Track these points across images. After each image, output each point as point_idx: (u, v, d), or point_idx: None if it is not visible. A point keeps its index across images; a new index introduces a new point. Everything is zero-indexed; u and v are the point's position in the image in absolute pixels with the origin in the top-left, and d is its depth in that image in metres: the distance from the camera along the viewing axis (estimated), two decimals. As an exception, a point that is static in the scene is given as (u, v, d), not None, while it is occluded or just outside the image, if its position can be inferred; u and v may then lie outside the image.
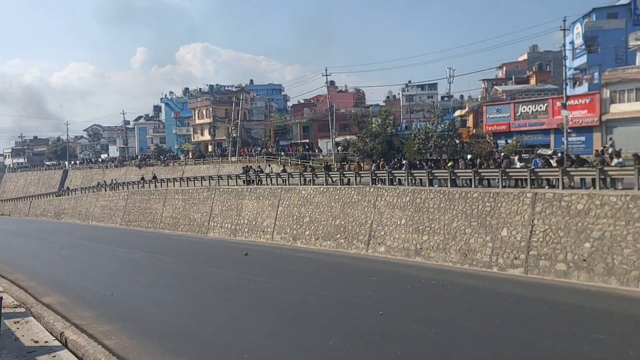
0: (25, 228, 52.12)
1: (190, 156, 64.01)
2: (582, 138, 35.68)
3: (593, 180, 19.83)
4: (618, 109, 34.46)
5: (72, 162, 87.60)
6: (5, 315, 4.34)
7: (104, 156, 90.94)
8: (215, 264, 24.28)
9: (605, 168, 19.59)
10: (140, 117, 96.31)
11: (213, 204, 39.08)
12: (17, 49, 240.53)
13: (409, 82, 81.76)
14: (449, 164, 28.34)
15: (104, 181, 63.23)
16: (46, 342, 4.37)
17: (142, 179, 53.70)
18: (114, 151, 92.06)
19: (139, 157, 74.11)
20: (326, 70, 49.18)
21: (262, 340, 12.74)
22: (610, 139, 33.35)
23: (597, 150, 26.94)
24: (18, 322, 4.02)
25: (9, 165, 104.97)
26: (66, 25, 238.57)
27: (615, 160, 20.41)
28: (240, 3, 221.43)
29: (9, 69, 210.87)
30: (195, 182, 44.24)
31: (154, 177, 52.36)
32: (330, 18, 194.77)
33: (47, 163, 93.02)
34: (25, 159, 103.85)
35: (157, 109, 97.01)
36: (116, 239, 36.96)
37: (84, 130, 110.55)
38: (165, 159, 66.91)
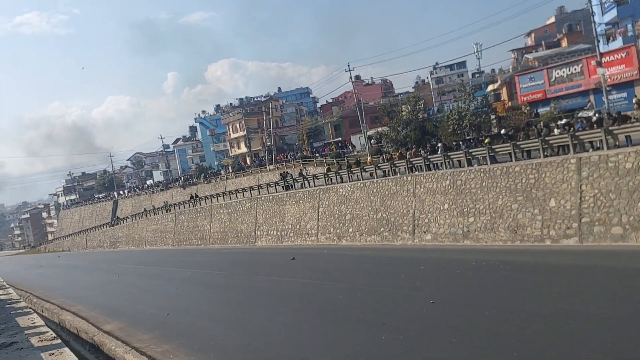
0: (83, 261, 54.33)
1: (230, 170, 65.09)
2: (624, 94, 33.89)
3: (640, 136, 18.84)
4: (658, 59, 32.64)
5: (121, 192, 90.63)
6: (43, 348, 4.56)
7: (149, 182, 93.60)
8: (264, 272, 24.54)
9: (651, 121, 18.58)
10: (178, 139, 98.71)
11: (257, 214, 39.57)
12: (55, 92, 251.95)
13: (437, 64, 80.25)
14: (486, 140, 27.59)
15: (153, 206, 64.99)
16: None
17: (192, 197, 54.75)
18: (158, 176, 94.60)
19: (182, 178, 75.91)
20: (349, 65, 48.85)
21: (315, 344, 12.75)
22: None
23: (637, 104, 25.59)
24: (53, 354, 4.24)
25: (63, 202, 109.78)
26: (98, 63, 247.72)
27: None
28: (260, 12, 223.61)
29: (51, 112, 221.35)
30: (238, 194, 44.93)
31: (196, 196, 53.46)
32: (350, 12, 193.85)
33: (98, 196, 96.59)
34: (77, 195, 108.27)
35: (192, 129, 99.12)
36: (169, 260, 38.00)
37: (127, 160, 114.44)
38: (207, 176, 68.29)
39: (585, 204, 19.10)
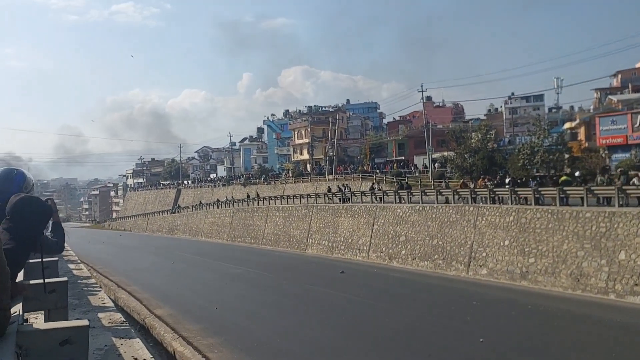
0: (142, 243, 56.80)
1: (290, 175, 66.04)
2: None
3: None
4: None
5: (185, 182, 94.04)
6: (113, 331, 4.86)
7: (212, 176, 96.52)
8: (313, 282, 24.69)
9: None
10: (245, 139, 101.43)
11: (311, 222, 39.91)
12: (136, 79, 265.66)
13: (512, 94, 77.92)
14: (562, 178, 26.44)
15: (217, 199, 66.38)
16: (144, 359, 4.82)
17: (248, 196, 56.25)
18: (221, 171, 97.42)
19: (243, 176, 77.81)
20: (422, 86, 48.61)
21: (356, 362, 12.72)
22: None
23: None
24: (123, 338, 4.53)
25: (130, 184, 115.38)
26: (180, 56, 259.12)
27: None
28: (344, 22, 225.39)
29: (131, 97, 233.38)
30: (295, 199, 45.50)
31: (257, 195, 54.58)
32: (435, 31, 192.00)
33: (163, 183, 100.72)
34: (144, 179, 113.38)
35: (260, 130, 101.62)
36: (222, 255, 39.01)
37: (195, 152, 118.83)
38: (268, 177, 69.64)
39: (659, 263, 17.93)
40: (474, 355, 12.65)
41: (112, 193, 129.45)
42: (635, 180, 22.14)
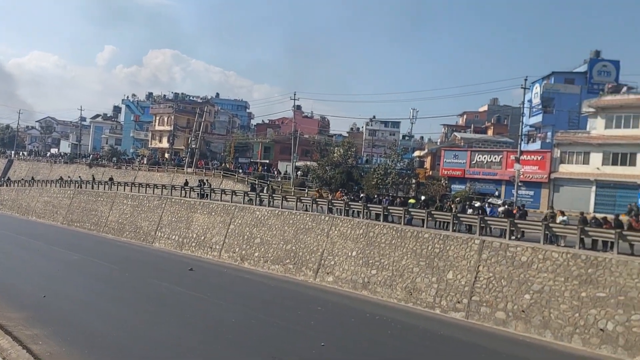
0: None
1: (145, 162, 62.43)
2: (531, 192, 37.17)
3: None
4: (566, 169, 36.18)
5: (20, 153, 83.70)
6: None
7: (54, 150, 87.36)
8: (158, 276, 23.55)
9: (551, 224, 20.44)
10: (98, 116, 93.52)
11: (162, 214, 38.08)
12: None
13: (374, 117, 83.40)
14: (411, 200, 28.74)
15: (60, 177, 59.92)
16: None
17: (93, 178, 51.93)
18: (65, 147, 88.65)
19: (91, 156, 71.71)
20: (294, 94, 49.16)
21: (199, 361, 12.38)
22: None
23: (551, 207, 28.05)
24: None
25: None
26: (38, 13, 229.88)
27: (560, 218, 21.32)
28: (233, 14, 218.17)
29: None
30: (147, 189, 43.02)
31: (111, 179, 50.46)
32: (318, 43, 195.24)
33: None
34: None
35: (117, 109, 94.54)
36: (56, 239, 35.31)
37: (36, 121, 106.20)
38: (119, 161, 65.01)
39: (478, 284, 20.42)
40: (315, 358, 13.12)
41: None
42: (469, 210, 25.00)
